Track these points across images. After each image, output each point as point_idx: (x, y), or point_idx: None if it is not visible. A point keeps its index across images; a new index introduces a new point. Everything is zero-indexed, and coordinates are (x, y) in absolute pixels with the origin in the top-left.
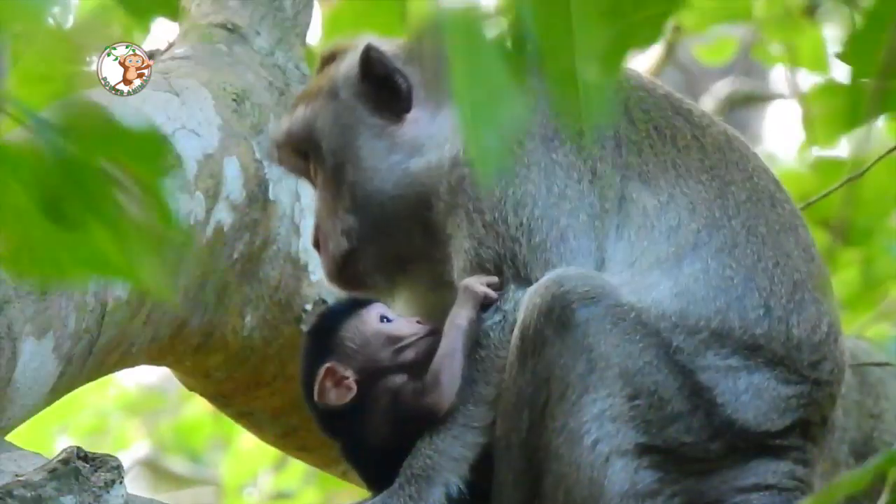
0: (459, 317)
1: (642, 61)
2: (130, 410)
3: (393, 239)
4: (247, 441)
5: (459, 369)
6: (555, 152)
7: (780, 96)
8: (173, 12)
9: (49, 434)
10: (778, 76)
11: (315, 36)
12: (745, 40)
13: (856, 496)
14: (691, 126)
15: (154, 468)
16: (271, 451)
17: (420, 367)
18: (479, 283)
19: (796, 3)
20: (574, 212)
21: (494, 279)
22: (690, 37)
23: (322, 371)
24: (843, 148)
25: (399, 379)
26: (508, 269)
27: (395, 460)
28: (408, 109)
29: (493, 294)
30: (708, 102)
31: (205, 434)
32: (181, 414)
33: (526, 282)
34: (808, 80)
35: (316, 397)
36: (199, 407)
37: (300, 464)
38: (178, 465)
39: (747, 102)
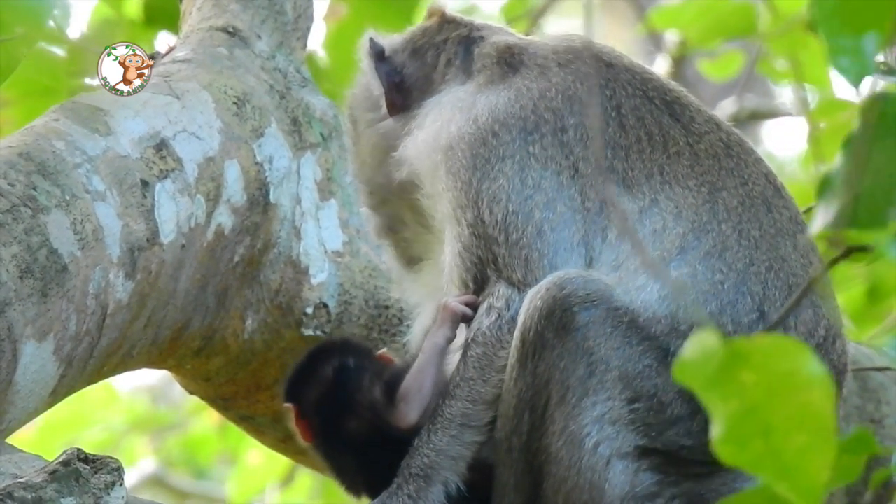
0: (437, 335)
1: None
2: (138, 427)
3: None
4: (254, 457)
5: (429, 386)
6: (532, 145)
7: (787, 113)
8: (176, 27)
9: (57, 449)
10: (784, 91)
11: (317, 43)
12: (749, 55)
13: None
14: (687, 133)
15: (160, 485)
16: (279, 467)
17: (395, 383)
18: (456, 303)
19: (800, 17)
20: (550, 204)
21: (473, 297)
22: (696, 52)
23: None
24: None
25: (376, 394)
26: (493, 271)
27: (382, 472)
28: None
29: (470, 312)
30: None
31: (211, 450)
32: (189, 429)
33: (509, 280)
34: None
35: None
36: (206, 422)
37: (307, 479)
38: (184, 481)
39: (753, 118)
